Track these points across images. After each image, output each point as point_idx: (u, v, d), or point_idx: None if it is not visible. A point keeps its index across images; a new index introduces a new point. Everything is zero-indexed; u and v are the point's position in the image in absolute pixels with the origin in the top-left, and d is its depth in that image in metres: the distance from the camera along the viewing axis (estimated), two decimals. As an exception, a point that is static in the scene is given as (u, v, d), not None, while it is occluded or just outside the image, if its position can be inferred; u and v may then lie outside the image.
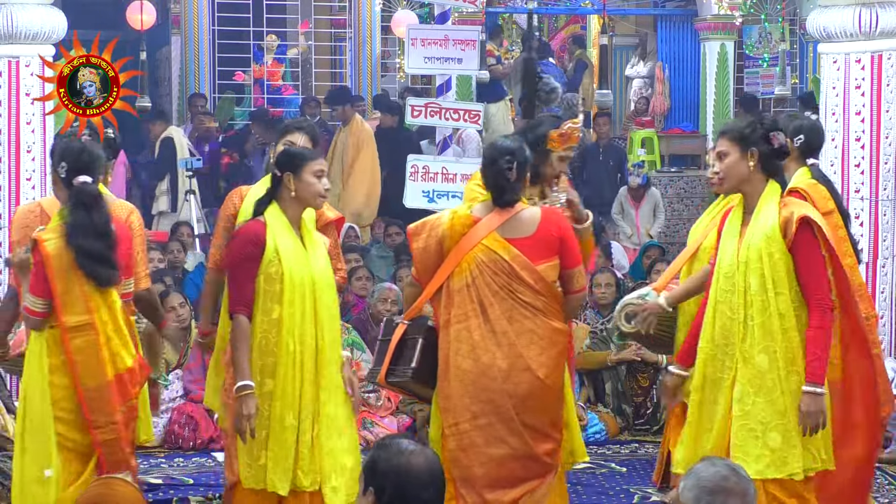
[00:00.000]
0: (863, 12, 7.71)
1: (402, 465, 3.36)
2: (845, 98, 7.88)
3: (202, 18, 15.35)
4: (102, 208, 5.23)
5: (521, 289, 5.36)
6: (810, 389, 4.89)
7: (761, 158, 5.03)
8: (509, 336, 5.35)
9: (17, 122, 7.40)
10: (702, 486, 3.41)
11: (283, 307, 5.30)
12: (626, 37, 17.50)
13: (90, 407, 5.15)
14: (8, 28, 7.28)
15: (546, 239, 5.38)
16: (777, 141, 4.98)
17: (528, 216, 5.42)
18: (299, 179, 5.35)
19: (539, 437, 5.40)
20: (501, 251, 5.36)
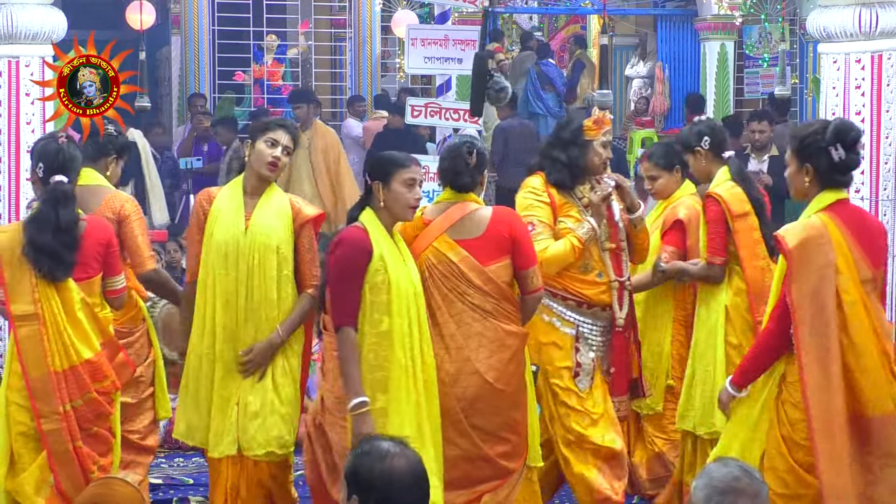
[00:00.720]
0: (863, 12, 7.71)
1: (385, 470, 3.33)
2: (845, 98, 7.88)
3: (202, 18, 15.36)
4: (70, 207, 5.31)
5: (470, 291, 5.31)
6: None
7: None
8: (457, 339, 5.31)
9: (17, 122, 7.40)
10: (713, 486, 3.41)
11: (393, 318, 5.05)
12: (626, 37, 17.50)
13: (35, 395, 5.28)
14: (8, 28, 7.28)
15: (495, 238, 5.34)
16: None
17: (478, 216, 5.39)
18: (389, 189, 5.12)
19: (491, 439, 5.35)
20: (450, 253, 5.33)
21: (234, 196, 5.52)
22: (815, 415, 4.58)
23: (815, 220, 4.74)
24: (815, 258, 4.66)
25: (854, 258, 4.69)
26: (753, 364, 4.89)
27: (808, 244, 4.67)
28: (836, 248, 4.67)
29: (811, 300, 4.65)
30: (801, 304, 4.64)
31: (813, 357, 4.62)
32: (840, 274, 4.66)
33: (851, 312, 4.65)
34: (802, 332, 4.63)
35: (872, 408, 4.65)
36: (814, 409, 4.59)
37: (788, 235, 4.72)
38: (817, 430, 4.57)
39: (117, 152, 6.11)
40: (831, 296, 4.65)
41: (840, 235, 4.69)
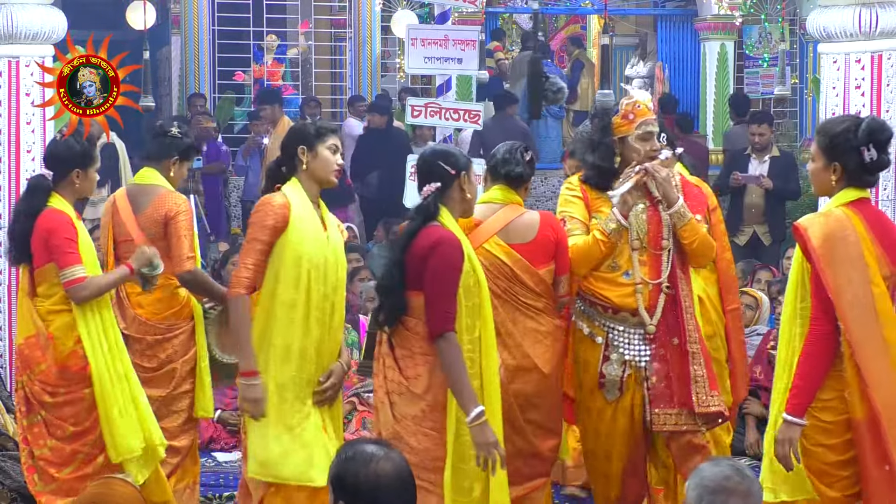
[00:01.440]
0: (863, 12, 7.70)
1: (371, 475, 3.30)
2: (845, 98, 7.87)
3: (202, 18, 15.35)
4: (32, 198, 5.71)
5: (523, 291, 5.42)
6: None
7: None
8: (514, 337, 5.40)
9: (17, 122, 7.39)
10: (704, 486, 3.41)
11: (485, 323, 4.94)
12: (626, 37, 17.51)
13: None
14: (8, 28, 7.27)
15: (545, 243, 5.42)
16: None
17: (528, 221, 5.47)
18: (468, 181, 5.01)
19: (543, 433, 5.47)
20: (503, 255, 5.41)
21: (306, 204, 5.08)
22: (884, 405, 4.43)
23: (839, 213, 4.60)
24: (843, 250, 4.52)
25: (877, 253, 4.57)
26: (811, 379, 4.55)
27: (832, 237, 4.53)
28: (862, 241, 4.55)
29: (852, 293, 4.48)
30: (840, 298, 4.48)
31: (870, 349, 4.47)
32: (869, 267, 4.53)
33: (881, 306, 4.51)
34: (854, 327, 4.47)
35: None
36: (881, 399, 4.43)
37: (811, 230, 4.55)
38: (888, 419, 4.41)
39: (180, 154, 6.16)
40: (867, 288, 4.51)
41: (864, 230, 4.57)
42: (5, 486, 6.54)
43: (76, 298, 5.59)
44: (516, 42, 17.79)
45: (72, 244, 5.60)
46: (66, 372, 5.65)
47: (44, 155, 5.82)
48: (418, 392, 4.84)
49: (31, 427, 5.75)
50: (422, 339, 4.84)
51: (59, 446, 5.71)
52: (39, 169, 7.44)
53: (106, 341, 5.67)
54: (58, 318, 5.65)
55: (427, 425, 4.82)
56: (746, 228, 10.74)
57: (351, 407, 8.02)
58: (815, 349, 4.56)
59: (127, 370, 5.73)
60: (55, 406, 5.70)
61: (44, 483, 5.73)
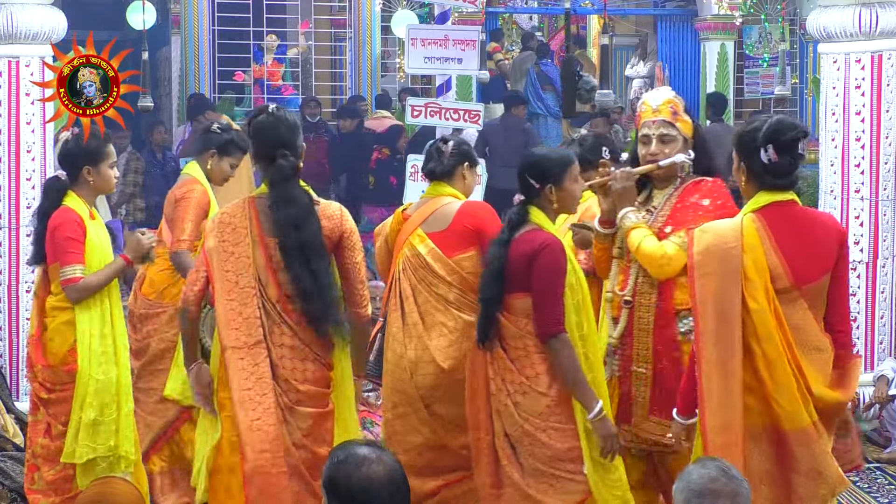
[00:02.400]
0: (863, 12, 7.70)
1: (363, 479, 3.31)
2: (845, 98, 7.87)
3: (202, 18, 15.34)
4: (45, 199, 5.80)
5: (436, 281, 5.54)
6: None
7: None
8: (419, 328, 5.52)
9: (17, 122, 7.38)
10: (690, 489, 3.41)
11: (588, 318, 5.00)
12: (626, 37, 17.51)
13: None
14: (8, 28, 7.27)
15: (460, 231, 5.54)
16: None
17: (446, 210, 5.63)
18: (561, 189, 4.98)
19: (452, 428, 5.51)
20: (420, 245, 5.59)
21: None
22: (711, 428, 4.33)
23: (734, 222, 4.47)
24: (719, 263, 4.39)
25: (769, 265, 4.38)
26: (690, 384, 4.52)
27: (714, 249, 4.41)
28: (747, 252, 4.37)
29: (713, 307, 4.37)
30: (703, 311, 4.40)
31: (713, 367, 4.35)
32: (748, 280, 4.36)
33: (758, 321, 4.34)
34: (704, 341, 4.38)
35: (788, 421, 4.36)
36: (710, 421, 4.34)
37: (698, 238, 4.47)
38: (713, 444, 4.30)
39: (217, 149, 6.48)
40: (736, 303, 4.35)
41: (757, 239, 4.39)
42: (5, 486, 6.54)
43: (71, 298, 5.62)
44: (516, 42, 17.79)
45: (73, 243, 5.62)
46: (58, 370, 5.67)
47: (58, 156, 5.90)
48: (542, 389, 4.88)
49: (34, 424, 5.82)
50: (535, 337, 4.88)
51: (49, 444, 5.73)
52: (39, 169, 7.46)
53: (101, 344, 5.66)
54: (61, 314, 5.68)
55: (554, 420, 4.87)
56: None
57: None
58: (693, 354, 4.53)
59: (120, 375, 5.74)
60: (51, 403, 5.73)
61: (41, 482, 5.75)
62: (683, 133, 5.23)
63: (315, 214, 4.94)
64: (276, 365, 4.95)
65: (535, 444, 4.87)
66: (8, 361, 7.46)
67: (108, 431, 5.67)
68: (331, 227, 4.99)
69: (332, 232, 4.99)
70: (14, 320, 7.45)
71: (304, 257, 4.90)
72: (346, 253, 5.02)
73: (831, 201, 7.97)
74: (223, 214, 5.09)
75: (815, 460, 4.37)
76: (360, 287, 5.04)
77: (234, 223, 5.01)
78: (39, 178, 7.44)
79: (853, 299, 7.92)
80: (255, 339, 4.93)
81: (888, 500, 6.88)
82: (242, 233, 4.98)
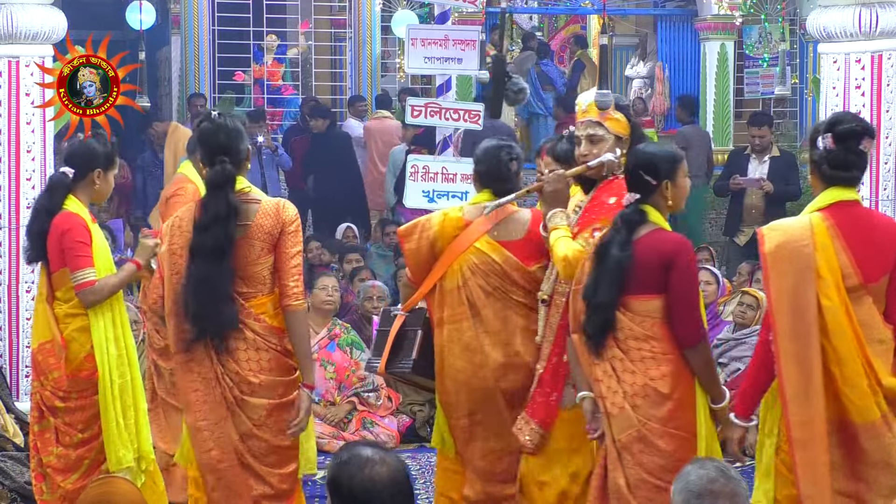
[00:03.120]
0: (863, 12, 7.70)
1: (366, 480, 3.30)
2: (845, 98, 7.87)
3: (202, 18, 15.34)
4: (49, 196, 5.72)
5: (513, 288, 5.42)
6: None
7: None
8: (503, 335, 5.40)
9: (17, 122, 7.38)
10: (689, 490, 3.40)
11: None
12: (626, 37, 17.50)
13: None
14: (8, 28, 7.26)
15: (536, 241, 5.40)
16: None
17: (519, 218, 5.47)
18: (675, 185, 4.81)
19: None
20: (493, 253, 5.41)
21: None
22: (794, 423, 4.41)
23: (803, 221, 4.55)
24: (793, 260, 4.46)
25: (839, 263, 4.47)
26: (751, 384, 4.63)
27: (786, 246, 4.49)
28: (818, 251, 4.45)
29: (789, 304, 4.45)
30: (779, 308, 4.46)
31: (793, 364, 4.42)
32: (821, 279, 4.44)
33: (831, 318, 4.43)
34: (782, 339, 4.45)
35: (858, 414, 4.44)
36: (792, 416, 4.42)
37: (769, 236, 4.55)
38: (795, 440, 4.40)
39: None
40: (811, 300, 4.43)
41: (828, 238, 4.47)
42: (5, 486, 6.54)
43: (86, 302, 5.59)
44: (516, 42, 17.79)
45: (84, 247, 5.60)
46: (77, 378, 5.64)
47: (66, 153, 5.81)
48: (665, 392, 4.70)
49: (41, 433, 5.73)
50: (662, 340, 4.71)
51: (65, 453, 5.69)
52: (39, 169, 7.45)
53: (115, 348, 5.67)
54: (74, 321, 5.63)
55: (673, 425, 4.71)
56: (747, 229, 10.73)
57: (351, 407, 8.03)
58: (759, 355, 4.60)
59: (134, 377, 5.75)
60: (66, 411, 5.68)
61: (50, 491, 5.71)
62: (615, 132, 5.16)
63: (230, 221, 5.01)
64: (226, 359, 5.03)
65: (648, 451, 4.68)
66: (8, 361, 7.46)
67: (132, 433, 5.69)
68: (269, 224, 5.06)
69: (272, 229, 5.06)
70: (14, 320, 7.45)
71: (201, 258, 5.01)
72: (281, 242, 5.07)
73: (831, 201, 7.96)
74: (175, 218, 5.20)
75: (884, 452, 4.45)
76: (289, 278, 5.06)
77: (182, 226, 5.12)
78: (39, 178, 7.45)
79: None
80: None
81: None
82: (187, 236, 5.08)
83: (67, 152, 5.80)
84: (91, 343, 5.61)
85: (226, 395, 5.03)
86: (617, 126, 5.19)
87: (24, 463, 6.51)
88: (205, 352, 5.04)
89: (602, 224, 4.90)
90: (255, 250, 5.05)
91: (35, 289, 7.22)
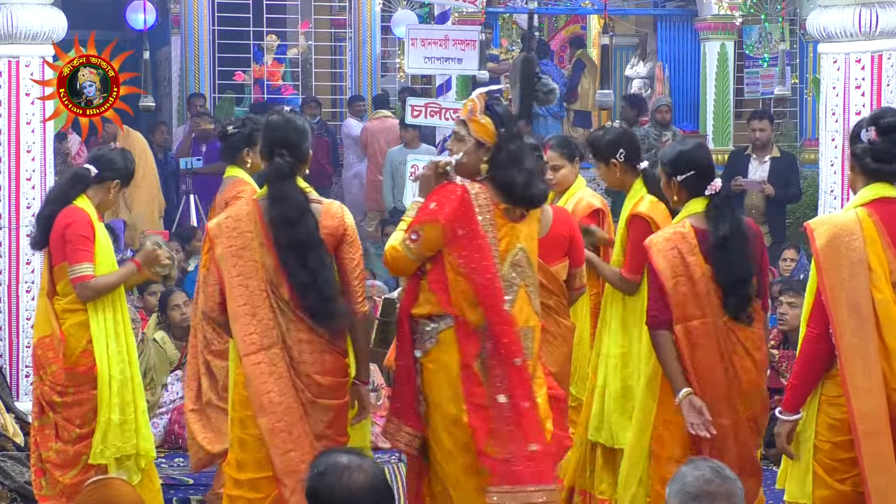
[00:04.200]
0: (863, 12, 7.70)
1: (344, 488, 3.32)
2: (845, 98, 7.87)
3: (202, 18, 15.33)
4: (60, 189, 5.77)
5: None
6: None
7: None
8: None
9: (17, 122, 7.38)
10: (686, 492, 3.39)
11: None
12: (626, 37, 17.48)
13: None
14: (8, 28, 7.26)
15: (557, 239, 5.43)
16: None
17: (542, 217, 5.41)
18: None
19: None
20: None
21: None
22: (860, 415, 4.41)
23: (851, 214, 4.57)
24: (845, 254, 4.48)
25: (888, 258, 4.51)
26: (802, 379, 4.62)
27: (837, 240, 4.50)
28: (868, 245, 4.48)
29: (846, 298, 4.46)
30: (836, 302, 4.47)
31: (856, 357, 4.43)
32: (873, 272, 4.47)
33: (883, 312, 4.46)
34: (842, 332, 4.45)
35: None
36: (858, 410, 4.41)
37: (818, 231, 4.55)
38: (862, 432, 4.39)
39: (247, 143, 6.33)
40: (865, 294, 4.46)
41: (875, 233, 4.50)
42: (5, 486, 6.53)
43: (82, 296, 5.61)
44: (516, 42, 17.77)
45: (85, 241, 5.62)
46: (74, 372, 5.66)
47: (96, 154, 5.86)
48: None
49: (41, 429, 5.77)
50: (760, 320, 4.95)
51: (64, 448, 5.71)
52: (39, 169, 7.45)
53: (115, 343, 5.68)
54: (72, 316, 5.66)
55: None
56: (747, 229, 10.71)
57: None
58: (809, 349, 4.60)
59: (134, 374, 5.76)
60: (64, 406, 5.71)
61: (50, 487, 5.73)
62: (476, 135, 4.94)
63: (310, 212, 4.98)
64: (297, 361, 5.01)
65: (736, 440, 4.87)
66: (8, 361, 7.46)
67: (131, 430, 5.70)
68: (334, 225, 5.03)
69: (335, 230, 5.03)
70: (14, 320, 7.44)
71: (299, 253, 4.94)
72: (345, 249, 5.06)
73: (831, 201, 7.96)
74: (227, 219, 5.11)
75: None
76: (356, 284, 5.08)
77: (239, 227, 5.04)
78: (39, 178, 7.44)
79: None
80: (270, 341, 4.99)
81: (888, 500, 6.86)
82: (249, 236, 5.02)
83: (98, 154, 5.83)
84: (88, 338, 5.63)
85: (300, 397, 5.01)
86: (480, 130, 4.93)
87: (24, 463, 6.52)
88: (280, 354, 4.99)
89: (420, 228, 4.82)
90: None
91: (35, 289, 7.24)
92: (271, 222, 4.96)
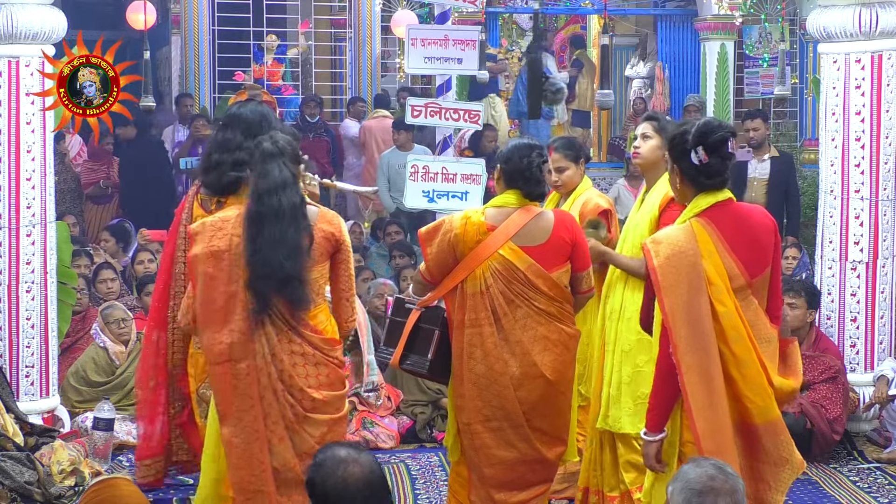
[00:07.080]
0: (863, 12, 7.71)
1: (339, 480, 3.39)
2: (845, 98, 7.87)
3: (202, 18, 15.34)
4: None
5: (536, 296, 5.41)
6: None
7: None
8: (523, 344, 5.40)
9: (17, 122, 7.38)
10: (690, 489, 3.42)
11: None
12: (626, 37, 17.50)
13: None
14: (8, 28, 7.26)
15: (559, 244, 5.40)
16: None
17: (542, 222, 5.45)
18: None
19: (549, 440, 5.48)
20: (516, 260, 5.39)
21: None
22: (703, 434, 4.37)
23: (686, 229, 4.50)
24: (684, 272, 4.43)
25: (726, 267, 4.46)
26: (661, 398, 4.53)
27: (674, 258, 4.44)
28: (705, 258, 4.44)
29: (684, 317, 4.41)
30: (674, 322, 4.41)
31: (695, 375, 4.39)
32: (712, 285, 4.43)
33: (727, 324, 4.42)
34: (682, 352, 4.39)
35: (760, 415, 4.46)
36: (700, 428, 4.38)
37: (655, 250, 4.48)
38: (706, 450, 4.33)
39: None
40: (705, 310, 4.41)
41: (711, 244, 4.46)
42: (5, 486, 6.53)
43: None
44: (516, 42, 17.78)
45: None
46: None
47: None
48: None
49: None
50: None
51: None
52: (39, 169, 7.44)
53: None
54: None
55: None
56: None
57: (351, 407, 8.03)
58: (663, 367, 4.52)
59: None
60: None
61: None
62: None
63: (295, 186, 4.98)
64: (289, 374, 4.97)
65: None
66: (8, 361, 7.45)
67: None
68: (330, 230, 5.04)
69: (331, 235, 5.04)
70: (14, 320, 7.44)
71: (275, 221, 4.89)
72: (341, 266, 5.08)
73: (831, 201, 7.97)
74: (215, 220, 5.15)
75: (782, 448, 4.52)
76: (346, 304, 5.13)
77: (225, 228, 5.06)
78: (39, 178, 7.44)
79: (853, 299, 7.92)
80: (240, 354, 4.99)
81: (888, 500, 6.88)
82: (236, 240, 5.01)
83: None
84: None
85: (285, 415, 4.96)
86: None
87: (24, 463, 6.51)
88: (247, 370, 4.95)
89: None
90: (314, 254, 5.04)
91: (35, 289, 7.24)
92: (250, 197, 4.96)
